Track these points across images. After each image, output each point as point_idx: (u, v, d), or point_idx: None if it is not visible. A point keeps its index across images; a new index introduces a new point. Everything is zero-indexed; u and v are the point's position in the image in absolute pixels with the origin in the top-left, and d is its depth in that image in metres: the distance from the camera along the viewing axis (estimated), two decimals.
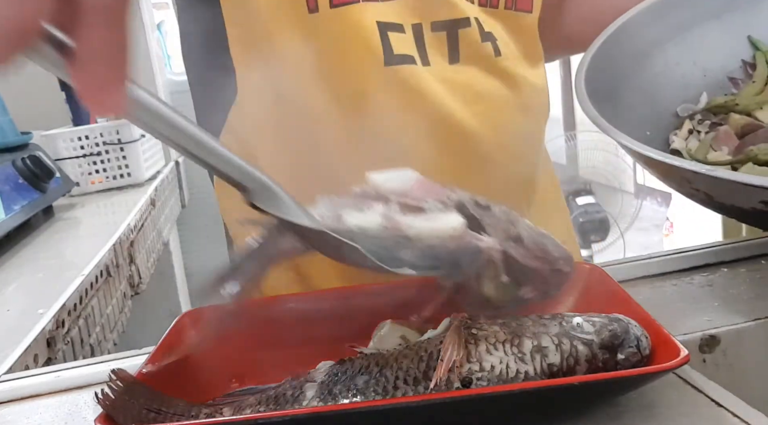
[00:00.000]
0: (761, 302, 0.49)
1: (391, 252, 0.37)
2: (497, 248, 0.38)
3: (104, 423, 0.35)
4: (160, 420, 0.36)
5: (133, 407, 0.36)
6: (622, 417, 0.35)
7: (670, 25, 0.58)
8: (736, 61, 0.58)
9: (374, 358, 0.37)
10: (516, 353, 0.34)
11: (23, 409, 0.45)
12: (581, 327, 0.35)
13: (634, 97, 0.55)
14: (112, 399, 0.36)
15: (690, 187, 0.42)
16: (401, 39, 0.61)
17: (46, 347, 0.64)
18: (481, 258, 0.37)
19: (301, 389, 0.37)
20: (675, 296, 0.52)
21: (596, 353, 0.35)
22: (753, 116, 0.53)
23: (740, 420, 0.34)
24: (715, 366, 0.45)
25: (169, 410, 0.37)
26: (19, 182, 1.09)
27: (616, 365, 0.35)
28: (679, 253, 0.57)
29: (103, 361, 0.49)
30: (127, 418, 0.35)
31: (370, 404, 0.34)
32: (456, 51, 0.63)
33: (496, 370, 0.34)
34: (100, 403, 0.35)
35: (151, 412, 0.36)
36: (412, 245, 0.37)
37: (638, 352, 0.35)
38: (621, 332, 0.35)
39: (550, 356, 0.34)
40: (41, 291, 0.78)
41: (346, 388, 0.36)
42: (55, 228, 1.15)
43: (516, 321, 0.37)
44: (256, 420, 0.33)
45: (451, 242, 0.37)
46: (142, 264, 1.14)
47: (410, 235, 0.37)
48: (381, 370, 0.36)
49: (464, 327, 0.36)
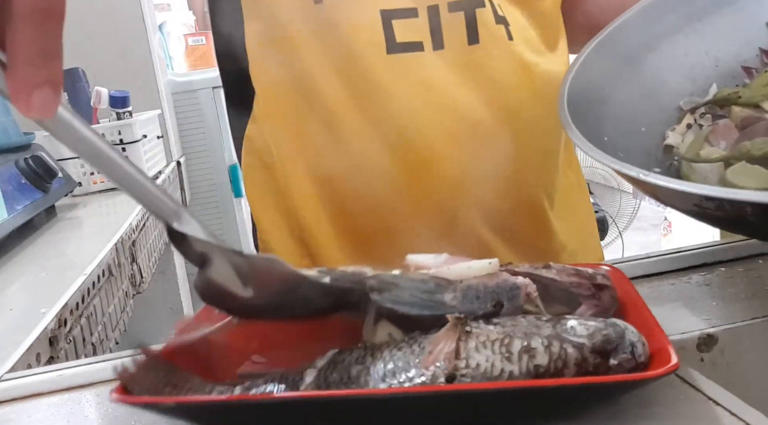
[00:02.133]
0: (759, 302, 0.49)
1: (432, 295, 0.39)
2: (532, 283, 0.40)
3: (120, 393, 0.36)
4: (174, 393, 0.38)
5: (150, 380, 0.38)
6: (619, 415, 0.35)
7: (680, 15, 0.56)
8: (753, 49, 0.56)
9: (371, 349, 0.38)
10: (504, 352, 0.34)
11: (26, 408, 0.45)
12: (574, 330, 0.35)
13: (631, 92, 0.54)
14: (131, 371, 0.37)
15: (646, 191, 0.42)
16: (409, 25, 0.61)
17: (49, 346, 0.64)
18: (520, 294, 0.39)
19: (302, 374, 0.37)
20: (673, 295, 0.52)
21: (587, 357, 0.34)
22: (762, 108, 0.51)
23: (738, 419, 0.34)
24: (712, 365, 0.45)
25: (185, 385, 0.38)
26: (21, 182, 1.09)
27: (608, 370, 0.34)
28: (677, 253, 0.58)
29: (105, 360, 0.50)
30: (142, 390, 0.37)
31: (333, 395, 0.35)
32: (475, 31, 0.62)
33: (481, 368, 0.34)
34: (117, 375, 0.37)
35: (167, 386, 0.38)
36: (453, 287, 0.39)
37: (633, 358, 0.34)
38: (615, 337, 0.35)
39: (538, 357, 0.34)
40: (44, 290, 0.78)
41: (340, 377, 0.36)
42: (57, 228, 1.15)
43: (513, 321, 0.37)
44: (241, 401, 0.36)
45: (489, 281, 0.40)
46: (143, 264, 1.14)
47: (450, 277, 0.40)
48: (374, 361, 0.37)
49: (462, 324, 0.36)
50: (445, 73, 0.62)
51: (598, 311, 0.40)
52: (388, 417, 0.35)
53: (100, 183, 1.48)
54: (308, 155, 0.66)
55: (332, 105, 0.63)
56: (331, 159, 0.64)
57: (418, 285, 0.40)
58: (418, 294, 0.39)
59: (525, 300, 0.39)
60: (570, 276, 0.41)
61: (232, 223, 2.14)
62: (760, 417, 0.34)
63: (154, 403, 0.36)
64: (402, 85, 0.62)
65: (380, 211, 0.65)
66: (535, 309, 0.39)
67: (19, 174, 1.10)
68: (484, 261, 0.41)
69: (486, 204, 0.65)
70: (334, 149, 0.64)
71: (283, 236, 0.69)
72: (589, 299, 0.41)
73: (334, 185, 0.65)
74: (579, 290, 0.41)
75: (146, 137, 1.56)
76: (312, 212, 0.67)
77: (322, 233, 0.67)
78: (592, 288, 0.41)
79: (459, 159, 0.63)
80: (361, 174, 0.63)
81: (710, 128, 0.52)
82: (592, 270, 0.42)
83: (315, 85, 0.63)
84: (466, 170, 0.63)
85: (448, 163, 0.63)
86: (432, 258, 0.43)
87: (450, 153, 0.63)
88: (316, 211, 0.66)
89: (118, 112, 1.52)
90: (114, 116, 1.53)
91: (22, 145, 1.20)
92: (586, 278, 0.41)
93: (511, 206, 0.67)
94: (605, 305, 0.41)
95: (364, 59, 0.61)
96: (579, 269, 0.42)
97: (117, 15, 1.76)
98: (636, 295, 0.42)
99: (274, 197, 0.69)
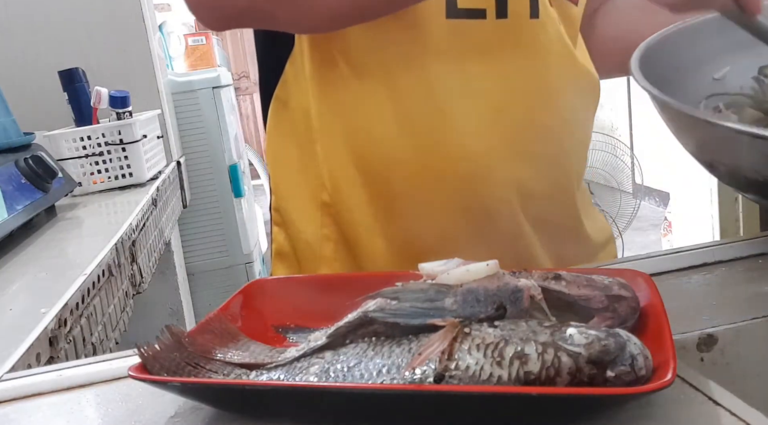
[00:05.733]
0: (759, 301, 0.49)
1: (433, 303, 0.39)
2: (536, 285, 0.39)
3: (136, 371, 0.37)
4: (194, 374, 0.39)
5: (171, 360, 0.39)
6: (619, 415, 0.35)
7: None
8: None
9: (373, 344, 0.39)
10: (495, 357, 0.34)
11: (26, 408, 0.45)
12: (572, 339, 0.34)
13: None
14: (154, 350, 0.39)
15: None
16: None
17: (49, 346, 0.64)
18: (523, 297, 0.39)
19: (309, 363, 0.39)
20: (673, 295, 0.52)
21: (582, 367, 0.33)
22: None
23: (738, 419, 0.34)
24: (712, 365, 0.45)
25: (206, 366, 0.40)
26: (21, 182, 1.09)
27: (604, 381, 0.33)
28: (677, 252, 0.58)
29: (105, 360, 0.50)
30: (161, 369, 0.38)
31: (317, 386, 0.37)
32: (536, 6, 0.63)
33: (470, 370, 0.34)
34: (139, 354, 0.38)
35: (189, 366, 0.39)
36: (453, 292, 0.39)
37: (632, 371, 0.33)
38: (614, 348, 0.34)
39: (530, 364, 0.33)
40: (44, 290, 0.78)
41: (341, 368, 0.37)
42: (57, 228, 1.15)
43: (513, 325, 0.37)
44: (243, 386, 0.37)
45: (491, 284, 0.39)
46: (143, 264, 1.14)
47: (449, 282, 0.40)
48: (373, 357, 0.37)
49: (454, 326, 0.36)
50: (499, 45, 0.62)
51: (614, 324, 0.39)
52: (372, 411, 0.36)
53: (100, 183, 1.48)
54: (348, 118, 0.65)
55: (379, 68, 0.62)
56: (375, 122, 0.64)
57: (419, 295, 0.40)
58: (418, 304, 0.39)
59: (530, 304, 0.39)
60: (581, 288, 0.40)
61: (232, 223, 2.14)
62: (760, 417, 0.34)
63: (163, 382, 0.37)
64: (456, 51, 0.61)
65: (412, 177, 0.64)
66: (542, 314, 0.39)
67: (20, 174, 1.10)
68: (482, 263, 0.40)
69: (521, 182, 0.65)
70: (378, 112, 0.63)
71: (303, 202, 0.69)
72: (603, 312, 0.39)
73: (375, 150, 0.65)
74: (589, 303, 0.40)
75: (146, 137, 1.56)
76: (346, 175, 0.66)
77: (355, 196, 0.66)
78: (605, 300, 0.39)
79: (502, 133, 0.63)
80: (403, 139, 0.63)
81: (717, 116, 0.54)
82: (608, 280, 0.41)
83: (363, 43, 0.62)
84: (511, 147, 0.64)
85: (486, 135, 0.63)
86: (443, 264, 0.43)
87: (495, 126, 0.63)
88: (352, 175, 0.66)
89: (118, 112, 1.52)
90: (114, 116, 1.53)
91: (22, 145, 1.20)
92: (599, 289, 0.40)
93: (547, 190, 0.67)
94: (622, 316, 0.39)
95: (421, 21, 0.61)
96: (594, 278, 0.41)
97: (117, 15, 1.76)
98: (658, 302, 0.40)
99: (300, 159, 0.69)
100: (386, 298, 0.40)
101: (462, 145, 0.63)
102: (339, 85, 0.65)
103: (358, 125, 0.65)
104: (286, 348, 0.43)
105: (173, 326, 0.41)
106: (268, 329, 0.47)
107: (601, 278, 0.41)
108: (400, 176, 0.64)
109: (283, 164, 0.71)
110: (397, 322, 0.39)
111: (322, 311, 0.47)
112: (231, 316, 0.46)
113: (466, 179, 0.63)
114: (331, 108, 0.66)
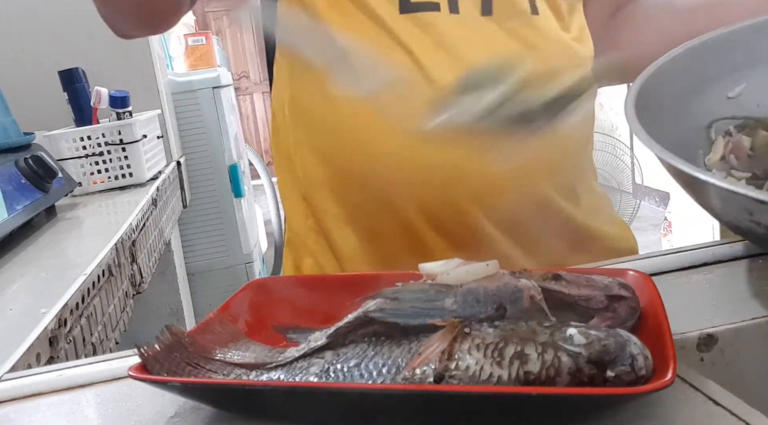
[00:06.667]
0: (759, 301, 0.49)
1: (433, 303, 0.39)
2: (536, 285, 0.39)
3: (136, 371, 0.37)
4: (194, 374, 0.39)
5: (171, 360, 0.39)
6: (618, 415, 0.35)
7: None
8: None
9: (373, 344, 0.39)
10: (495, 356, 0.34)
11: (25, 408, 0.45)
12: (572, 339, 0.34)
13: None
14: (154, 350, 0.39)
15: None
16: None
17: (49, 346, 0.64)
18: (523, 297, 0.39)
19: (310, 363, 0.39)
20: (673, 295, 0.52)
21: (582, 367, 0.33)
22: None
23: (738, 419, 0.34)
24: (712, 365, 0.45)
25: (206, 366, 0.40)
26: (21, 182, 1.09)
27: (605, 381, 0.33)
28: (677, 252, 0.57)
29: (105, 360, 0.50)
30: (161, 369, 0.38)
31: (313, 385, 0.37)
32: (489, 2, 0.62)
33: (470, 370, 0.34)
34: (139, 354, 0.38)
35: (189, 366, 0.39)
36: (453, 292, 0.39)
37: (632, 371, 0.33)
38: (615, 348, 0.34)
39: (530, 364, 0.34)
40: (44, 290, 0.78)
41: (341, 368, 0.37)
42: (57, 228, 1.15)
43: (513, 325, 0.37)
44: (243, 386, 0.37)
45: (490, 284, 0.39)
46: (143, 264, 1.14)
47: (449, 282, 0.40)
48: (373, 357, 0.37)
49: (454, 326, 0.36)
50: (461, 37, 0.62)
51: (614, 324, 0.39)
52: (372, 411, 0.36)
53: (100, 183, 1.48)
54: (312, 112, 0.66)
55: (341, 62, 0.63)
56: (333, 115, 0.64)
57: (419, 295, 0.40)
58: (418, 305, 0.39)
59: (530, 304, 0.39)
60: (581, 288, 0.40)
61: (232, 223, 2.14)
62: (760, 418, 0.34)
63: (163, 382, 0.37)
64: (414, 45, 0.61)
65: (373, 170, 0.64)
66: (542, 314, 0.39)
67: (19, 174, 1.10)
68: (482, 264, 0.40)
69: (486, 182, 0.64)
70: (339, 106, 0.64)
71: (293, 193, 0.71)
72: (603, 312, 0.40)
73: (336, 143, 0.65)
74: (589, 303, 0.40)
75: (146, 137, 1.56)
76: (314, 167, 0.67)
77: (324, 188, 0.67)
78: (605, 300, 0.40)
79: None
80: (362, 133, 0.63)
81: (728, 139, 0.53)
82: (608, 280, 0.41)
83: (329, 39, 0.63)
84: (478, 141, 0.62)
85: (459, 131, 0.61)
86: (443, 264, 0.43)
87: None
88: (319, 167, 0.67)
89: (118, 112, 1.52)
90: (114, 116, 1.53)
91: (22, 145, 1.20)
92: (599, 289, 0.40)
93: (518, 193, 0.65)
94: (621, 317, 0.39)
95: (376, 17, 0.61)
96: (594, 279, 0.41)
97: None
98: (658, 302, 0.40)
99: (286, 152, 0.70)
100: (386, 298, 0.40)
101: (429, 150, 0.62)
102: (305, 79, 0.67)
103: (319, 118, 0.66)
104: (286, 348, 0.43)
105: (173, 326, 0.41)
106: (268, 329, 0.47)
107: (601, 278, 0.41)
108: (360, 169, 0.64)
109: (279, 157, 0.73)
110: (397, 322, 0.39)
111: (322, 311, 0.47)
112: (231, 316, 0.46)
113: (425, 170, 0.63)
114: (297, 102, 0.68)
